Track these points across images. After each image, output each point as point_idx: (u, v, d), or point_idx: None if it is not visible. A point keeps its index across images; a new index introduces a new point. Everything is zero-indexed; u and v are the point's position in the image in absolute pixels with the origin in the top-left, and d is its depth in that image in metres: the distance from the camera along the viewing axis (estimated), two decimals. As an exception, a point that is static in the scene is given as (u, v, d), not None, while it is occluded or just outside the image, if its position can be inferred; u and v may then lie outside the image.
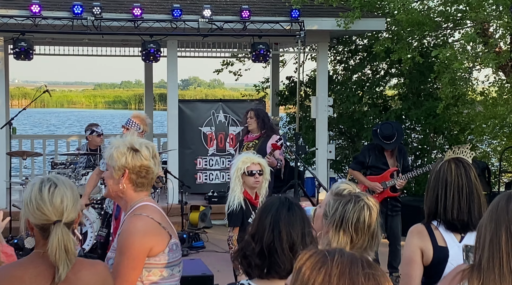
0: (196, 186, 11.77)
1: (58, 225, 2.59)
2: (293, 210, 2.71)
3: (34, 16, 10.13)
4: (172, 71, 11.50)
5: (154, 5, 11.17)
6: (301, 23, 10.86)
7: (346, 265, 1.63)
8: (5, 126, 10.59)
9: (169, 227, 3.19)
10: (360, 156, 8.07)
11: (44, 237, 2.63)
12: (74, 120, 47.14)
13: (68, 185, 2.70)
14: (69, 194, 2.67)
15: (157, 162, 3.22)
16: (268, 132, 8.38)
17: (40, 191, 2.63)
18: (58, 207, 2.62)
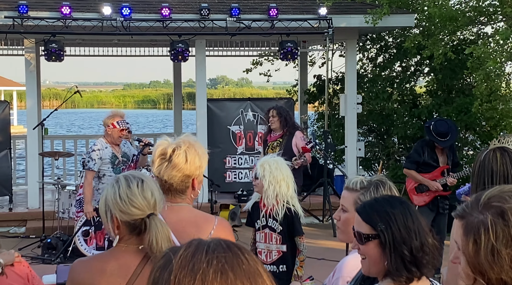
0: (225, 184, 11.80)
1: (154, 217, 2.63)
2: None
3: (64, 17, 10.24)
4: (201, 70, 11.54)
5: (182, 5, 11.22)
6: (329, 21, 10.83)
7: (188, 256, 1.41)
8: (37, 127, 10.73)
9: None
10: (414, 154, 7.84)
11: (132, 232, 2.65)
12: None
13: (150, 178, 2.73)
14: (155, 187, 2.71)
15: (171, 164, 3.03)
16: (290, 129, 8.33)
17: (129, 187, 2.64)
18: (150, 200, 2.65)
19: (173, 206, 3.07)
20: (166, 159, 3.02)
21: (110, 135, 7.52)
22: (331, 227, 10.28)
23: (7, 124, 11.56)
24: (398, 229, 2.33)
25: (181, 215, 3.06)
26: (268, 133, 8.52)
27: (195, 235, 2.97)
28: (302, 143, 8.16)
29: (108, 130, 7.49)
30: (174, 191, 3.06)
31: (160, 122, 46.08)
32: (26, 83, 11.22)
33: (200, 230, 3.03)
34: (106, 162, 7.52)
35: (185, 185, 3.05)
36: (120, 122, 7.48)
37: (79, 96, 11.18)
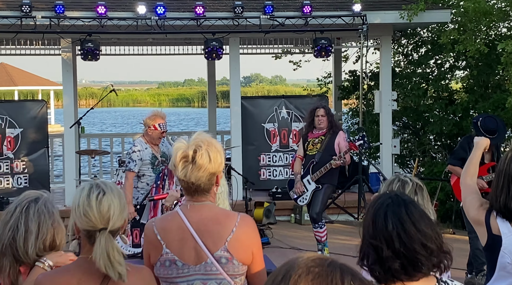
0: (260, 182, 11.81)
1: (103, 233, 2.61)
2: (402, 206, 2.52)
3: (100, 17, 10.35)
4: (235, 68, 11.57)
5: (216, 3, 11.26)
6: (363, 17, 10.76)
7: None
8: (74, 126, 10.88)
9: (176, 240, 3.03)
10: (460, 151, 7.67)
11: (89, 242, 2.67)
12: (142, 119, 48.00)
13: (116, 192, 2.70)
14: (116, 202, 2.67)
15: (195, 166, 3.01)
16: (334, 129, 8.24)
17: (88, 197, 2.64)
18: (105, 214, 2.63)
19: (195, 204, 3.08)
20: (189, 161, 3.00)
21: (150, 136, 7.55)
22: (366, 225, 10.20)
23: (44, 123, 11.74)
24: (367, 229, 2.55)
25: (203, 213, 3.06)
26: (309, 130, 8.36)
27: (217, 232, 3.00)
28: (344, 143, 8.06)
29: (149, 131, 7.51)
30: (201, 191, 3.05)
31: (191, 121, 46.32)
32: (63, 82, 11.37)
33: (222, 227, 3.04)
34: (146, 163, 7.55)
35: (211, 183, 3.06)
36: (162, 125, 7.51)
37: (114, 95, 11.32)
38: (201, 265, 3.01)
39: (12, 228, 2.96)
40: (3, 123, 11.28)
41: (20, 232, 2.94)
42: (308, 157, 8.16)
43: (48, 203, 3.04)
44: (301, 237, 9.80)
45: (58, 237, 3.02)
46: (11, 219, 2.99)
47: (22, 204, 3.01)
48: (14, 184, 11.25)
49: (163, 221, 3.12)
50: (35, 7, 10.31)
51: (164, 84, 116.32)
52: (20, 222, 2.96)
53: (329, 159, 7.95)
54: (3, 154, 11.26)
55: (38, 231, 2.96)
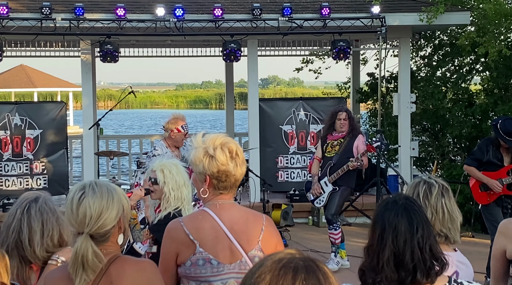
0: (277, 184, 11.79)
1: (81, 237, 2.58)
2: (399, 215, 2.48)
3: (119, 19, 10.41)
4: (253, 70, 11.58)
5: (235, 5, 11.28)
6: (382, 19, 10.73)
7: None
8: (93, 127, 10.95)
9: (210, 239, 3.01)
10: (477, 152, 7.64)
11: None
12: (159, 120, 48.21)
13: (99, 193, 2.62)
14: (97, 204, 2.60)
15: (239, 161, 3.04)
16: (354, 132, 8.19)
17: (71, 200, 2.62)
18: (81, 219, 2.59)
19: (224, 204, 3.07)
20: (233, 156, 3.03)
21: (174, 139, 7.52)
22: (384, 227, 10.16)
23: (63, 125, 11.82)
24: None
25: (233, 213, 3.07)
26: (329, 132, 8.31)
27: (249, 231, 3.00)
28: (363, 146, 8.02)
29: (172, 134, 7.48)
30: (235, 188, 3.08)
31: (208, 123, 46.35)
32: (82, 84, 11.44)
33: (253, 226, 3.06)
34: None
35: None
36: (184, 127, 7.51)
37: (133, 97, 11.37)
38: (235, 263, 3.01)
39: (16, 230, 2.97)
40: (23, 125, 11.37)
41: (24, 233, 2.95)
42: (326, 159, 8.14)
43: (48, 201, 3.05)
44: (318, 239, 9.77)
45: (64, 232, 3.02)
46: (13, 221, 2.99)
47: (22, 205, 3.01)
48: (33, 185, 11.34)
49: (194, 220, 3.07)
50: (55, 9, 10.39)
51: (182, 86, 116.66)
52: (23, 223, 2.96)
53: (346, 161, 7.92)
54: (23, 155, 11.35)
55: (42, 229, 2.96)
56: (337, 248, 8.12)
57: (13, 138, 11.30)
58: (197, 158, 3.04)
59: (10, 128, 11.32)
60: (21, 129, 11.36)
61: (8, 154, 11.31)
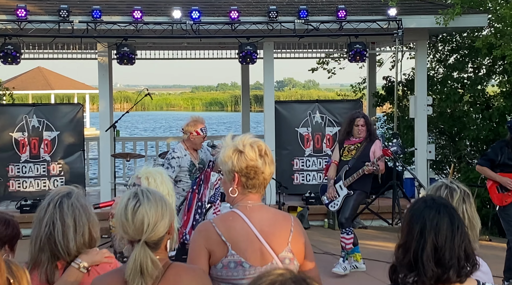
0: (293, 186, 11.79)
1: (137, 246, 2.58)
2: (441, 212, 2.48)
3: (136, 21, 10.46)
4: (269, 72, 11.58)
5: (251, 7, 11.29)
6: (399, 22, 10.70)
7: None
8: (109, 129, 11.00)
9: (241, 241, 2.99)
10: (491, 153, 7.62)
11: (131, 251, 2.65)
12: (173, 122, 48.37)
13: (154, 201, 2.65)
14: (153, 212, 2.61)
15: (268, 160, 3.04)
16: (372, 137, 8.14)
17: (125, 208, 2.63)
18: (139, 226, 2.59)
19: (254, 205, 3.07)
20: (263, 156, 3.03)
21: (192, 142, 7.53)
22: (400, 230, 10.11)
23: (80, 127, 11.89)
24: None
25: (263, 214, 3.06)
26: (345, 137, 8.24)
27: (279, 233, 3.00)
28: (379, 152, 7.99)
29: (191, 137, 7.49)
30: (263, 189, 3.08)
31: (222, 125, 46.40)
32: (99, 86, 11.50)
33: (282, 228, 3.06)
34: (184, 170, 7.55)
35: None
36: (203, 129, 7.52)
37: (149, 99, 11.42)
38: (266, 266, 2.99)
39: (48, 224, 2.97)
40: (41, 126, 11.45)
41: (57, 227, 2.95)
42: (342, 163, 8.11)
43: (80, 197, 3.05)
44: (334, 242, 9.74)
45: (94, 230, 3.03)
46: (45, 215, 2.99)
47: (55, 199, 3.01)
48: (50, 186, 11.40)
49: (226, 222, 3.05)
50: (72, 12, 10.46)
51: (198, 88, 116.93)
52: (56, 217, 2.96)
53: (362, 165, 7.89)
54: (40, 157, 11.43)
55: (75, 225, 2.97)
56: (346, 253, 8.08)
57: (30, 140, 11.39)
58: (226, 155, 3.04)
59: (28, 130, 11.40)
60: (38, 131, 11.44)
61: (26, 156, 11.39)
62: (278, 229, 3.04)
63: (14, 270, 2.33)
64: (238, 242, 2.99)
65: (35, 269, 3.02)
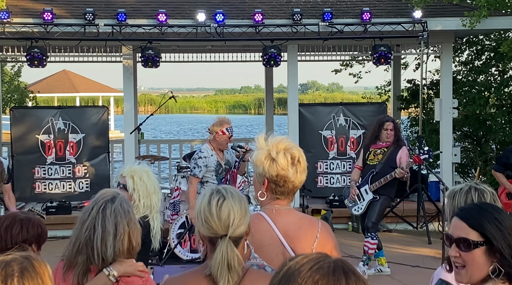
0: (317, 189, 11.75)
1: (224, 240, 2.58)
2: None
3: (160, 24, 10.51)
4: (293, 75, 11.57)
5: (275, 10, 11.29)
6: (424, 24, 10.62)
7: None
8: (134, 132, 11.06)
9: (265, 244, 2.97)
10: (502, 157, 7.66)
11: (212, 249, 2.63)
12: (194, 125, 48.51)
13: (237, 198, 2.65)
14: (237, 208, 2.62)
15: (300, 168, 3.02)
16: (399, 142, 8.06)
17: (209, 203, 2.61)
18: (225, 221, 2.59)
19: (280, 209, 3.04)
20: (295, 163, 3.00)
21: (218, 141, 7.54)
22: (425, 234, 10.07)
23: (105, 129, 11.97)
24: (509, 233, 2.32)
25: (289, 218, 3.04)
26: (372, 141, 8.13)
27: (304, 238, 2.97)
28: (406, 158, 7.93)
29: (217, 137, 7.51)
30: (293, 194, 3.05)
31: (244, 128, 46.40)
32: (124, 89, 11.57)
33: (307, 233, 3.01)
34: (211, 170, 7.57)
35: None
36: (229, 129, 7.54)
37: (172, 102, 11.46)
38: None
39: (89, 228, 2.97)
40: (66, 129, 11.55)
41: (97, 232, 2.95)
42: (368, 167, 8.06)
43: (124, 203, 3.04)
44: (359, 245, 9.68)
45: (133, 237, 3.01)
46: (88, 218, 3.00)
47: (99, 203, 3.01)
48: (76, 188, 11.50)
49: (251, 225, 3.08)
50: (98, 15, 10.54)
51: (221, 91, 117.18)
52: (97, 222, 2.96)
53: (389, 171, 7.84)
54: (66, 159, 11.53)
55: (115, 231, 2.96)
56: (367, 258, 8.03)
57: (56, 142, 11.49)
58: (258, 159, 3.02)
59: (54, 132, 11.51)
60: (64, 133, 11.54)
61: (52, 158, 11.50)
62: (303, 234, 3.01)
63: (36, 266, 2.34)
64: (262, 246, 2.97)
65: (70, 270, 3.04)
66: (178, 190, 9.47)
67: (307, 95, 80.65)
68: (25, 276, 2.29)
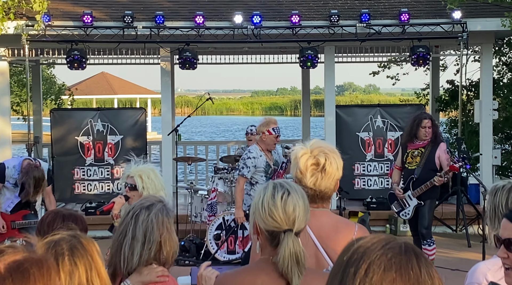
0: (354, 191, 11.68)
1: (289, 234, 2.54)
2: None
3: (198, 27, 10.57)
4: (329, 76, 11.52)
5: (312, 11, 11.26)
6: (464, 25, 10.49)
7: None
8: (171, 133, 11.13)
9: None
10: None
11: (271, 243, 2.60)
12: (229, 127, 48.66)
13: (300, 192, 2.63)
14: (301, 203, 2.60)
15: (326, 176, 3.00)
16: (437, 140, 7.84)
17: (273, 197, 2.58)
18: (290, 215, 2.56)
19: (314, 211, 3.01)
20: (319, 169, 2.98)
21: (265, 142, 7.53)
22: (465, 237, 9.93)
23: (143, 130, 12.08)
24: None
25: (323, 221, 3.02)
26: (409, 139, 7.98)
27: (337, 240, 2.94)
28: (445, 156, 7.73)
29: (264, 137, 7.51)
30: (327, 198, 3.04)
31: (282, 129, 46.35)
32: (161, 90, 11.65)
33: (342, 236, 2.97)
34: (260, 170, 7.56)
35: (334, 189, 3.06)
36: (275, 129, 7.53)
37: (209, 104, 11.51)
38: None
39: (122, 234, 2.99)
40: (105, 130, 11.68)
41: (127, 238, 2.95)
42: (407, 172, 7.94)
43: (160, 213, 2.99)
44: (396, 248, 9.61)
45: (165, 247, 2.96)
46: (122, 224, 3.02)
47: (136, 209, 3.02)
48: (114, 189, 11.62)
49: None
50: (136, 18, 10.65)
51: (257, 93, 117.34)
52: (129, 229, 2.97)
53: (429, 175, 7.69)
54: (105, 160, 11.66)
55: (144, 239, 2.93)
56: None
57: (95, 144, 11.63)
58: (291, 169, 3.09)
59: (93, 134, 11.64)
60: (103, 135, 11.67)
61: (91, 159, 11.64)
62: (337, 236, 2.99)
63: (84, 243, 2.36)
64: None
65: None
66: (215, 192, 9.50)
67: (344, 97, 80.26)
68: (75, 254, 2.31)
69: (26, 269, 1.44)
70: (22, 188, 7.26)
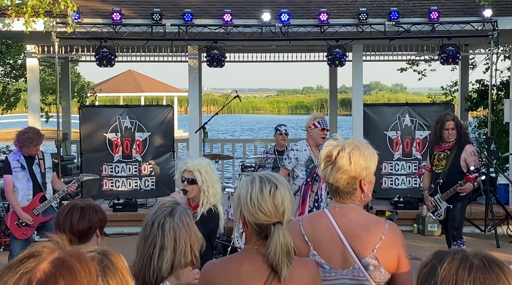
0: (381, 190, 11.61)
1: (279, 226, 2.60)
2: None
3: (226, 24, 10.58)
4: (357, 75, 11.47)
5: (340, 9, 11.21)
6: (494, 23, 10.37)
7: (452, 270, 1.54)
8: (199, 131, 11.16)
9: (324, 242, 2.96)
10: None
11: (258, 235, 2.65)
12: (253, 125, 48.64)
13: (285, 184, 2.70)
14: (288, 195, 2.67)
15: (335, 167, 2.97)
16: (463, 142, 7.69)
17: (261, 191, 2.62)
18: (279, 208, 2.62)
19: (343, 207, 3.01)
20: (331, 161, 2.97)
21: (312, 137, 7.50)
22: (493, 238, 9.82)
23: (171, 128, 12.12)
24: None
25: (351, 217, 3.00)
26: (435, 142, 7.84)
27: (366, 238, 2.92)
28: (472, 157, 7.60)
29: (310, 131, 7.49)
30: (342, 193, 3.00)
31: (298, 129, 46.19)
32: (189, 88, 11.69)
33: (371, 234, 2.96)
34: (301, 164, 7.55)
35: (351, 186, 2.98)
36: (321, 122, 7.48)
37: (236, 102, 11.51)
38: (348, 270, 2.94)
39: (152, 245, 3.02)
40: (133, 127, 11.74)
41: (157, 249, 3.00)
42: (434, 175, 7.90)
43: (182, 215, 3.07)
44: (424, 247, 9.54)
45: (195, 248, 3.05)
46: (150, 235, 3.04)
47: (159, 217, 3.05)
48: (141, 186, 11.68)
49: (312, 222, 3.04)
50: (165, 16, 10.69)
51: (283, 92, 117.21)
52: (158, 239, 3.01)
53: (455, 178, 7.62)
54: (132, 157, 11.72)
55: (175, 246, 2.99)
56: None
57: (123, 141, 11.70)
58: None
59: (121, 130, 11.71)
60: (131, 132, 11.74)
61: (119, 156, 11.71)
62: (365, 233, 2.96)
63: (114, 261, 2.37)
64: (321, 243, 2.96)
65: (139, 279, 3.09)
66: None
67: (370, 96, 79.84)
68: (107, 274, 2.32)
69: (71, 265, 1.41)
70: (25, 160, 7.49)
